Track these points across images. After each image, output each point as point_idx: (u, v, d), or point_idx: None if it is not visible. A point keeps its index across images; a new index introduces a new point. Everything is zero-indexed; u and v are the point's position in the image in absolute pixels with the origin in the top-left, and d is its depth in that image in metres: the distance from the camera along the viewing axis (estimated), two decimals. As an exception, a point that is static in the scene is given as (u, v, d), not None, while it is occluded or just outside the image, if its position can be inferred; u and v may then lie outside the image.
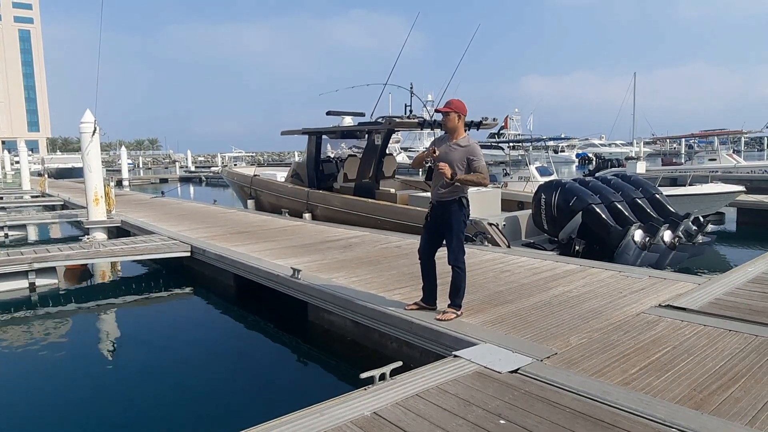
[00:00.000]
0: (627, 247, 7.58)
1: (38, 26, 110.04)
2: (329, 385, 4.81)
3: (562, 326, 4.24)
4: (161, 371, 5.17)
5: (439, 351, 4.11)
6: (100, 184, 11.41)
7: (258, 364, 5.39)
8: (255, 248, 7.96)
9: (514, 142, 23.21)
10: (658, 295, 5.02)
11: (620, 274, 5.90)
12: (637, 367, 3.41)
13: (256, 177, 14.51)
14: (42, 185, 22.07)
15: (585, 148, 60.51)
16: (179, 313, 7.29)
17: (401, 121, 10.72)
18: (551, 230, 8.57)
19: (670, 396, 3.01)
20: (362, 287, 5.52)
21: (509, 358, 3.61)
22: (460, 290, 4.48)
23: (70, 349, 5.86)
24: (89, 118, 10.99)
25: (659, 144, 36.82)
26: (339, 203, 11.12)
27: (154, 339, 6.19)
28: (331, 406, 3.02)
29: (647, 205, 8.78)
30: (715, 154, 25.23)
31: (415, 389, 3.21)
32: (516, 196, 11.27)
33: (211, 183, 38.85)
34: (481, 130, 11.36)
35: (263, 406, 4.36)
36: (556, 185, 8.63)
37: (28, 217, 14.46)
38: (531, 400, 3.02)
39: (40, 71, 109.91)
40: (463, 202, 4.39)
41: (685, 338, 3.90)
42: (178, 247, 8.54)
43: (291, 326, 6.23)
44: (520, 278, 5.85)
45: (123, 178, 34.29)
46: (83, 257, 8.22)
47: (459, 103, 4.45)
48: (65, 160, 51.35)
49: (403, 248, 7.67)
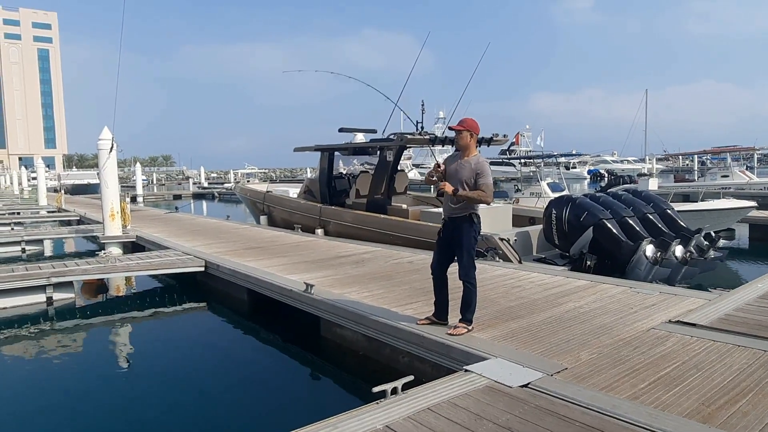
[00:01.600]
0: (639, 262, 7.59)
1: (57, 46, 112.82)
2: (341, 399, 4.86)
3: (573, 341, 4.27)
4: (175, 385, 5.26)
5: (450, 365, 4.16)
6: (116, 199, 11.65)
7: (271, 378, 5.45)
8: (268, 263, 8.07)
9: (526, 159, 23.29)
10: (669, 311, 5.04)
11: (631, 290, 5.93)
12: (646, 382, 3.44)
13: (269, 193, 14.70)
14: (59, 201, 22.47)
15: (597, 165, 60.37)
16: (193, 327, 7.39)
17: (412, 138, 10.85)
18: (562, 245, 8.60)
19: (678, 410, 3.04)
20: (374, 302, 5.59)
21: (520, 372, 3.66)
22: (471, 305, 4.54)
23: (85, 362, 5.98)
24: (107, 135, 11.27)
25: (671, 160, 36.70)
26: (351, 219, 11.23)
27: (168, 353, 6.29)
28: (344, 419, 3.09)
29: (658, 220, 8.79)
30: (728, 170, 25.10)
31: (426, 403, 3.26)
32: (527, 211, 11.31)
33: (224, 199, 39.26)
34: (492, 146, 11.45)
35: (276, 420, 4.43)
36: (566, 200, 8.68)
37: (45, 232, 14.71)
38: (541, 414, 3.06)
39: (57, 89, 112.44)
40: (473, 218, 4.47)
41: (694, 353, 3.93)
42: (193, 262, 8.68)
43: (304, 341, 6.30)
44: (531, 294, 5.89)
45: (137, 194, 34.81)
46: (99, 272, 8.38)
47: (472, 122, 4.56)
48: (81, 176, 52.29)
49: (415, 264, 7.74)
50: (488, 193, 4.40)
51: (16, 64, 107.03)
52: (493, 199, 4.47)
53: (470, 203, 4.44)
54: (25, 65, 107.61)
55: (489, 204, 4.50)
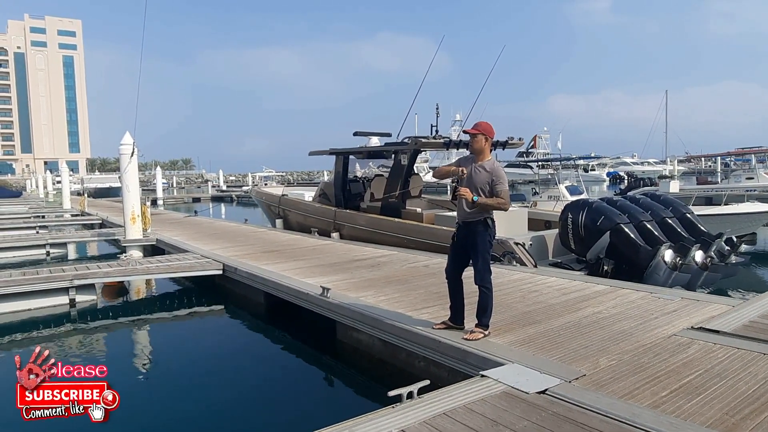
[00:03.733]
0: (657, 267, 7.45)
1: (81, 52, 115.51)
2: (357, 402, 4.87)
3: (592, 347, 4.21)
4: (192, 388, 5.31)
5: (466, 370, 4.13)
6: (137, 203, 11.84)
7: (287, 381, 5.48)
8: (285, 267, 8.12)
9: (543, 161, 23.10)
10: (691, 317, 4.94)
11: (652, 296, 5.82)
12: (667, 390, 3.38)
13: (284, 197, 14.78)
14: (82, 204, 22.93)
15: (617, 167, 59.59)
16: (211, 329, 7.47)
17: (427, 142, 10.84)
18: (578, 250, 8.49)
19: (701, 420, 2.97)
20: (390, 306, 5.59)
21: (537, 378, 3.62)
22: (487, 310, 4.50)
23: (106, 363, 6.06)
24: (128, 140, 11.46)
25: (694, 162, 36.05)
26: (366, 222, 11.25)
27: (186, 355, 6.36)
28: (360, 423, 3.08)
29: (677, 224, 8.63)
30: (753, 172, 24.57)
31: (442, 408, 3.24)
32: (543, 215, 11.20)
33: (242, 202, 39.64)
34: (508, 150, 11.37)
35: (292, 424, 4.45)
36: (583, 204, 8.58)
37: (69, 235, 15.06)
38: (558, 422, 3.02)
39: (81, 95, 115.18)
40: (488, 222, 4.44)
41: (717, 361, 3.84)
42: (211, 265, 8.77)
43: (320, 344, 6.32)
44: (549, 298, 5.82)
45: (158, 198, 35.33)
46: (120, 274, 8.52)
47: (487, 126, 4.54)
48: (103, 179, 53.33)
49: (430, 267, 7.72)
50: (506, 199, 4.38)
51: (42, 71, 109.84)
52: (510, 205, 4.43)
53: (490, 209, 4.41)
54: (50, 72, 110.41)
55: (506, 210, 4.46)
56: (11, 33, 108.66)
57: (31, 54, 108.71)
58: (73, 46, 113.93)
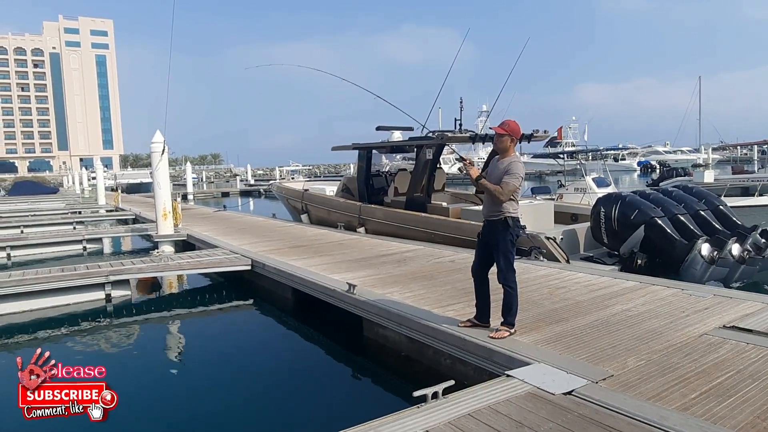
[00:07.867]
0: (694, 261, 7.29)
1: (113, 51, 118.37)
2: (383, 400, 4.91)
3: (620, 347, 4.16)
4: (221, 382, 5.44)
5: (492, 369, 4.13)
6: (168, 199, 12.12)
7: (313, 377, 5.57)
8: (311, 262, 8.23)
9: (570, 152, 22.66)
10: (723, 316, 4.83)
11: (683, 293, 5.70)
12: (697, 392, 3.32)
13: (307, 192, 14.87)
14: (116, 200, 23.57)
15: (648, 156, 58.04)
16: (240, 324, 7.63)
17: (452, 136, 10.77)
18: (611, 244, 8.36)
19: (731, 423, 2.92)
20: (416, 303, 5.61)
21: (563, 379, 3.60)
22: (512, 309, 4.49)
23: (139, 357, 6.29)
24: (159, 138, 11.72)
25: (729, 151, 34.84)
26: (391, 217, 11.27)
27: (216, 349, 6.52)
28: (385, 423, 3.13)
29: (711, 217, 8.41)
30: (793, 160, 23.62)
31: (467, 409, 3.26)
32: (569, 208, 11.04)
33: (270, 196, 40.07)
34: (533, 142, 11.21)
35: (318, 421, 4.51)
36: (615, 198, 8.44)
37: (104, 231, 15.55)
38: (585, 424, 3.01)
39: (114, 93, 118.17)
40: (508, 221, 4.41)
41: (750, 362, 3.75)
42: (240, 261, 8.94)
43: (346, 340, 6.40)
44: (576, 295, 5.76)
45: (188, 192, 36.06)
46: (154, 270, 8.77)
47: (514, 126, 4.52)
48: (135, 175, 54.76)
49: (456, 263, 7.71)
50: (504, 190, 4.33)
51: (76, 70, 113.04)
52: (506, 199, 4.35)
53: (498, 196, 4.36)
54: (84, 71, 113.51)
55: (501, 202, 4.36)
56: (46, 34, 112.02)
57: (65, 54, 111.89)
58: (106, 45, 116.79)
